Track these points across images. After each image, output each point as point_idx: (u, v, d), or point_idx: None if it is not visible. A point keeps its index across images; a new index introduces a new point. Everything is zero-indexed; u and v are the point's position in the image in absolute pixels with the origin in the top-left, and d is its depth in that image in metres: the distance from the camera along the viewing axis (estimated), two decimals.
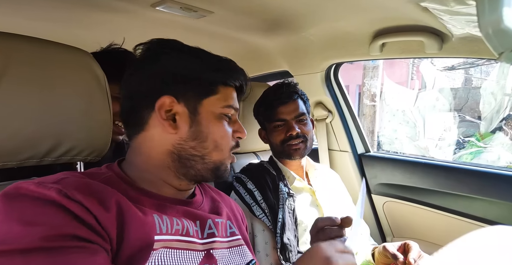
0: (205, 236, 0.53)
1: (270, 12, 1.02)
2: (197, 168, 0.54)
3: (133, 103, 0.54)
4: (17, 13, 1.05)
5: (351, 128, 1.41)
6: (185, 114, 0.53)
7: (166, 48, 0.55)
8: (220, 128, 0.55)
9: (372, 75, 5.09)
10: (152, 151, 0.53)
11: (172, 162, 0.53)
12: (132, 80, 0.54)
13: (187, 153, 0.53)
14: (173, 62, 0.54)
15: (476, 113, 6.89)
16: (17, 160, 0.61)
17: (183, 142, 0.53)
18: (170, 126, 0.52)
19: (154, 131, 0.53)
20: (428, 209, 1.18)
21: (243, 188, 0.96)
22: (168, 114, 0.52)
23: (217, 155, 0.55)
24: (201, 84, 0.54)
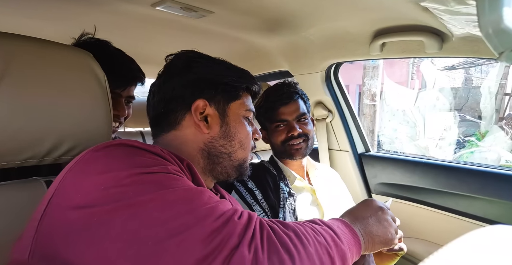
0: None
1: (270, 12, 1.02)
2: (224, 165, 0.60)
3: (168, 106, 0.59)
4: (17, 13, 1.05)
5: (351, 127, 1.42)
6: (216, 116, 0.60)
7: (195, 57, 0.62)
8: (244, 129, 0.62)
9: (372, 75, 5.08)
10: (183, 147, 0.59)
11: (201, 158, 0.59)
12: (167, 87, 0.60)
13: (217, 151, 0.60)
14: (205, 69, 0.61)
15: (476, 112, 6.89)
16: (17, 160, 0.62)
17: (214, 140, 0.59)
18: (205, 127, 0.58)
19: (187, 131, 0.59)
20: (428, 208, 1.18)
21: (243, 188, 0.97)
22: (201, 115, 0.58)
23: (241, 153, 0.62)
24: (229, 89, 0.61)
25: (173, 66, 0.62)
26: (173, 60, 0.63)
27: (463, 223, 1.08)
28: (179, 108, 0.59)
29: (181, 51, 0.64)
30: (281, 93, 1.00)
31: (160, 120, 0.61)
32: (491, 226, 0.44)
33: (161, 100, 0.60)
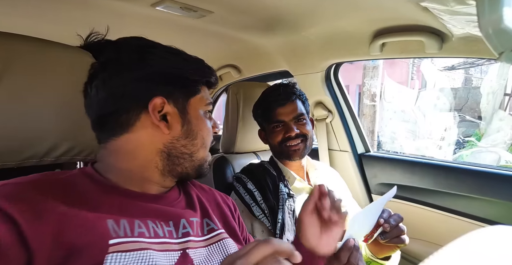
0: (180, 236, 0.52)
1: (270, 12, 1.02)
2: (185, 166, 0.56)
3: (118, 105, 0.52)
4: (17, 13, 1.05)
5: (351, 128, 1.41)
6: (176, 114, 0.54)
7: (148, 47, 0.55)
8: (206, 126, 0.57)
9: (372, 75, 5.08)
10: (138, 151, 0.53)
11: (160, 160, 0.54)
12: (116, 82, 0.51)
13: (178, 151, 0.54)
14: (161, 62, 0.54)
15: (476, 113, 6.89)
16: (17, 160, 0.61)
17: (175, 141, 0.54)
18: (165, 127, 0.52)
19: (143, 132, 0.52)
20: (427, 208, 1.18)
21: (243, 188, 0.96)
22: (159, 114, 0.52)
23: (203, 152, 0.57)
24: (188, 84, 0.56)
25: (122, 57, 0.53)
26: (117, 50, 0.54)
27: (462, 223, 1.08)
28: (132, 107, 0.51)
29: (127, 38, 0.55)
30: (278, 93, 1.00)
31: (108, 121, 0.53)
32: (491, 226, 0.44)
33: (109, 98, 0.51)
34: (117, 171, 0.53)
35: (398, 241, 0.73)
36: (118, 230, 0.45)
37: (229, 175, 1.10)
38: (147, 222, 0.49)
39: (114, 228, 0.45)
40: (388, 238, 0.72)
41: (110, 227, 0.44)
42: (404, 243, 0.73)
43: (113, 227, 0.45)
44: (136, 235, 0.46)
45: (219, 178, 1.09)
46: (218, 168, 1.11)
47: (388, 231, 0.71)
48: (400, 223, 0.74)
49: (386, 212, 0.74)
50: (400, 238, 0.73)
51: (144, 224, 0.48)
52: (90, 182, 0.50)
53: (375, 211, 0.72)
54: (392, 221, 0.72)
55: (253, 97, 1.09)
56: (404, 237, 0.73)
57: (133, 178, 0.53)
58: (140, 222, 0.48)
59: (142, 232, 0.47)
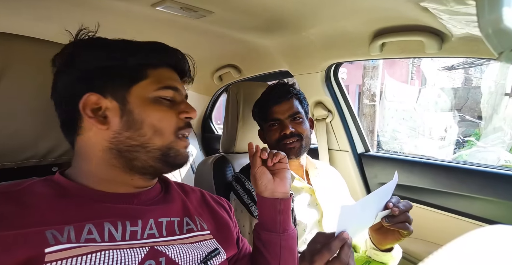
0: (145, 237, 0.51)
1: (270, 12, 1.02)
2: (143, 159, 0.52)
3: (64, 110, 0.52)
4: (17, 13, 1.05)
5: (351, 128, 1.41)
6: (115, 107, 0.52)
7: (79, 46, 0.54)
8: (157, 112, 0.53)
9: (372, 75, 5.08)
10: (91, 152, 0.52)
11: (114, 158, 0.52)
12: (58, 87, 0.52)
13: (126, 145, 0.51)
14: (89, 58, 0.52)
15: (475, 112, 6.89)
16: (17, 160, 0.62)
17: (117, 134, 0.51)
18: (99, 122, 0.51)
19: (89, 133, 0.52)
20: (427, 208, 1.18)
21: (241, 188, 0.96)
22: (100, 112, 0.51)
23: (159, 140, 0.53)
24: (124, 73, 0.52)
25: (58, 62, 0.53)
26: (58, 55, 0.54)
27: (462, 223, 1.08)
28: (74, 110, 0.51)
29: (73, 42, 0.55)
30: (274, 92, 1.00)
31: (65, 126, 0.54)
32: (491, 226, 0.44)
33: (57, 104, 0.53)
34: (85, 174, 0.53)
35: (403, 227, 0.71)
36: (60, 237, 0.43)
37: (229, 174, 1.10)
38: (103, 224, 0.48)
39: (54, 236, 0.43)
40: (393, 222, 0.71)
41: (49, 235, 0.43)
42: (408, 231, 0.72)
43: (53, 235, 0.43)
44: (82, 241, 0.45)
45: (219, 178, 1.09)
46: (218, 168, 1.11)
47: (396, 214, 0.70)
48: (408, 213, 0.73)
49: (395, 198, 0.73)
50: (405, 224, 0.71)
51: (97, 227, 0.47)
52: (49, 189, 0.49)
53: (375, 203, 0.70)
54: (401, 206, 0.70)
55: (253, 97, 1.09)
56: (409, 226, 0.72)
57: (99, 179, 0.53)
58: (92, 225, 0.47)
59: (92, 238, 0.46)
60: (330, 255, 0.55)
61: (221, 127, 1.29)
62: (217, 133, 2.24)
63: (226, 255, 0.59)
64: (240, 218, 0.93)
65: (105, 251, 0.45)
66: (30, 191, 0.48)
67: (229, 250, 0.61)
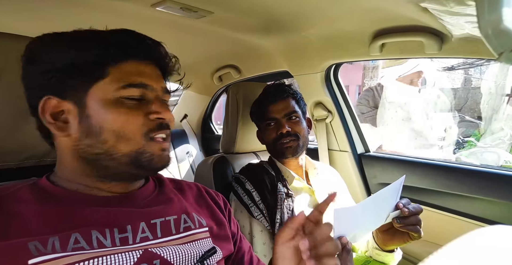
0: (137, 241, 0.48)
1: (270, 12, 1.02)
2: (113, 166, 0.47)
3: (35, 117, 0.49)
4: (17, 13, 1.05)
5: (351, 128, 1.41)
6: (74, 111, 0.46)
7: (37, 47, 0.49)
8: (117, 115, 0.46)
9: (372, 75, 5.09)
10: (63, 160, 0.49)
11: (85, 165, 0.48)
12: (26, 94, 0.49)
13: (89, 153, 0.47)
14: (45, 57, 0.47)
15: (475, 113, 6.89)
16: (17, 160, 0.62)
17: (78, 142, 0.47)
18: (57, 129, 0.46)
19: (59, 139, 0.49)
20: (428, 208, 1.18)
21: (241, 189, 0.96)
22: (62, 116, 0.47)
23: (126, 146, 0.47)
24: (83, 71, 0.46)
25: (22, 62, 0.49)
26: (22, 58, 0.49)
27: (463, 223, 1.08)
28: (37, 114, 0.48)
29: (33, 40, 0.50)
30: (270, 91, 1.01)
31: (40, 130, 0.51)
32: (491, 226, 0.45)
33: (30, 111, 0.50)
34: (66, 179, 0.50)
35: (414, 230, 0.71)
36: (43, 249, 0.41)
37: (229, 175, 1.10)
38: (91, 232, 0.45)
39: (37, 248, 0.41)
40: (404, 224, 0.70)
41: (32, 247, 0.41)
42: (419, 234, 0.72)
43: (36, 247, 0.41)
44: (69, 250, 0.42)
45: (219, 178, 1.09)
46: (218, 168, 1.11)
47: (406, 215, 0.69)
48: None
49: (405, 200, 0.73)
50: (416, 227, 0.71)
51: (84, 236, 0.44)
52: (34, 196, 0.46)
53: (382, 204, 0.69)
54: (411, 208, 0.70)
55: (253, 97, 1.09)
56: (420, 229, 0.72)
57: (81, 184, 0.50)
58: (79, 235, 0.44)
59: (80, 247, 0.43)
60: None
61: (221, 127, 1.29)
62: (217, 133, 2.24)
63: (222, 254, 0.58)
64: (239, 219, 0.93)
65: (95, 259, 0.43)
66: (14, 198, 0.46)
67: (225, 248, 0.60)
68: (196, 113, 2.22)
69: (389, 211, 0.70)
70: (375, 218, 0.69)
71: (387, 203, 0.70)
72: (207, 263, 0.53)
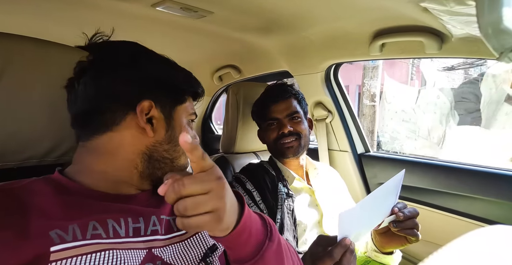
0: (148, 233, 0.51)
1: (270, 12, 1.02)
2: (165, 170, 0.56)
3: (104, 103, 0.52)
4: (17, 13, 1.05)
5: (351, 128, 1.42)
6: (161, 119, 0.55)
7: (140, 52, 0.57)
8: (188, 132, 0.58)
9: (371, 75, 5.09)
10: (119, 151, 0.53)
11: (141, 162, 0.54)
12: (105, 81, 0.52)
13: (159, 155, 0.55)
14: (152, 67, 0.56)
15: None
16: (17, 160, 0.61)
17: (158, 144, 0.55)
18: (151, 130, 0.53)
19: (126, 133, 0.53)
20: (427, 208, 1.18)
21: (242, 189, 0.96)
22: (145, 117, 0.53)
23: (185, 159, 0.58)
24: (176, 92, 0.58)
25: (112, 58, 0.55)
26: (113, 51, 0.55)
27: (463, 223, 1.08)
28: (119, 107, 0.52)
29: (124, 41, 0.57)
30: (272, 91, 1.02)
31: (92, 119, 0.53)
32: (491, 226, 0.45)
33: (97, 95, 0.52)
34: (90, 173, 0.53)
35: (411, 233, 0.71)
36: (65, 236, 0.44)
37: (229, 175, 1.10)
38: (107, 221, 0.48)
39: (59, 236, 0.43)
40: (401, 228, 0.71)
41: (54, 235, 0.43)
42: (416, 237, 0.72)
43: (58, 235, 0.43)
44: (88, 237, 0.45)
45: None
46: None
47: (401, 219, 0.69)
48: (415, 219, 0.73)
49: (401, 203, 0.73)
50: (413, 231, 0.71)
51: (101, 224, 0.47)
52: (50, 188, 0.49)
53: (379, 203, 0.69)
54: (406, 212, 0.70)
55: (253, 97, 1.09)
56: (417, 232, 0.72)
57: (106, 180, 0.53)
58: (96, 222, 0.47)
59: (98, 234, 0.46)
60: (331, 262, 0.55)
61: (221, 127, 1.29)
62: (217, 134, 2.24)
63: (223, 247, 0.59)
64: None
65: (108, 251, 0.45)
66: (30, 189, 0.48)
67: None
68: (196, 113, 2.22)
69: (390, 207, 0.70)
70: (377, 214, 0.69)
71: (387, 199, 0.71)
72: (210, 261, 0.55)
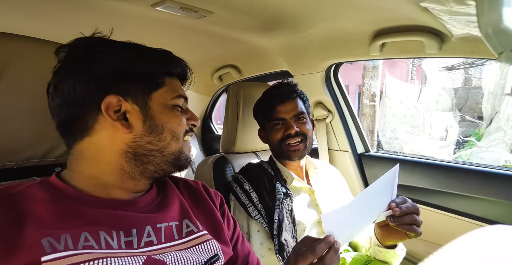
0: (141, 245, 0.50)
1: (270, 12, 1.02)
2: (156, 163, 0.54)
3: (72, 110, 0.51)
4: (17, 13, 1.05)
5: (351, 128, 1.42)
6: (135, 111, 0.52)
7: (96, 45, 0.53)
8: (175, 118, 0.55)
9: (372, 75, 5.08)
10: (101, 154, 0.52)
11: (126, 162, 0.52)
12: (66, 86, 0.50)
13: (144, 149, 0.53)
14: (110, 59, 0.52)
15: (475, 112, 6.89)
16: (17, 160, 0.62)
17: (138, 139, 0.52)
18: (123, 126, 0.51)
19: (102, 134, 0.51)
20: (428, 208, 1.18)
21: (240, 189, 0.96)
22: (118, 114, 0.51)
23: (175, 145, 0.55)
24: (146, 79, 0.54)
25: (69, 60, 0.51)
26: (68, 52, 0.52)
27: (463, 223, 1.08)
28: (87, 110, 0.50)
29: (76, 39, 0.53)
30: (279, 91, 1.00)
31: (68, 127, 0.52)
32: (491, 226, 0.44)
33: (62, 104, 0.50)
34: (83, 178, 0.52)
35: (409, 229, 0.70)
36: (56, 245, 0.43)
37: (229, 175, 1.10)
38: (99, 233, 0.47)
39: (50, 244, 0.42)
40: (398, 222, 0.69)
41: (45, 243, 0.42)
42: (416, 233, 0.70)
43: (50, 243, 0.42)
44: (80, 248, 0.44)
45: (219, 178, 1.09)
46: (218, 168, 1.11)
47: (397, 215, 0.68)
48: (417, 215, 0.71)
49: (401, 198, 0.71)
50: (411, 226, 0.70)
51: (93, 235, 0.46)
52: (45, 194, 0.48)
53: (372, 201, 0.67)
54: (403, 207, 0.69)
55: (253, 97, 1.09)
56: (416, 228, 0.70)
57: (100, 184, 0.52)
58: (88, 234, 0.46)
59: (90, 245, 0.45)
60: (314, 257, 0.54)
61: (221, 127, 1.29)
62: (217, 133, 2.24)
63: (224, 259, 0.58)
64: (238, 218, 0.93)
65: (103, 259, 0.44)
66: (25, 195, 0.47)
67: (225, 253, 0.60)
68: (196, 113, 2.22)
69: (386, 203, 0.69)
70: (370, 212, 0.68)
71: (381, 195, 0.69)
72: None
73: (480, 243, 0.40)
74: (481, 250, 0.39)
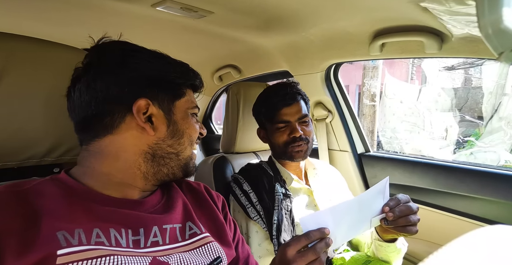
0: (148, 245, 0.51)
1: (270, 12, 1.02)
2: (171, 166, 0.57)
3: (101, 107, 0.52)
4: (17, 13, 1.05)
5: (351, 128, 1.42)
6: (161, 116, 0.56)
7: (132, 51, 0.56)
8: (192, 125, 0.60)
9: (372, 75, 5.08)
10: (122, 153, 0.53)
11: (144, 162, 0.55)
12: (99, 85, 0.52)
13: (163, 152, 0.56)
14: (144, 65, 0.55)
15: (475, 112, 6.89)
16: (17, 160, 0.62)
17: (160, 141, 0.55)
18: (151, 128, 0.54)
19: (127, 134, 0.53)
20: (427, 208, 1.18)
21: (239, 189, 0.96)
22: (144, 116, 0.54)
23: (189, 150, 0.59)
24: (173, 87, 0.58)
25: (105, 60, 0.54)
26: (101, 54, 0.55)
27: (462, 223, 1.08)
28: (116, 109, 0.52)
29: (111, 42, 0.56)
30: (284, 93, 0.98)
31: (91, 123, 0.53)
32: (490, 226, 0.44)
33: (92, 101, 0.52)
34: (96, 175, 0.53)
35: (403, 231, 0.69)
36: (71, 239, 0.44)
37: (229, 175, 1.10)
38: (109, 230, 0.48)
39: (65, 238, 0.44)
40: (392, 226, 0.68)
41: (61, 237, 0.43)
42: (410, 233, 0.69)
43: (65, 237, 0.44)
44: (93, 243, 0.45)
45: (219, 178, 1.09)
46: (218, 168, 1.11)
47: (390, 220, 0.67)
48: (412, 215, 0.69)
49: (395, 200, 0.69)
50: (405, 228, 0.68)
51: (104, 232, 0.47)
52: (57, 190, 0.49)
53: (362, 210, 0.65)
54: (396, 211, 0.67)
55: (253, 97, 1.09)
56: (411, 228, 0.69)
57: (112, 182, 0.53)
58: (100, 230, 0.47)
59: (101, 242, 0.46)
60: (307, 242, 0.54)
61: (221, 127, 1.29)
62: (217, 133, 2.24)
63: (227, 261, 0.59)
64: (237, 219, 0.93)
65: (113, 256, 0.45)
66: (37, 191, 0.48)
67: (228, 255, 0.61)
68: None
69: (374, 215, 0.67)
70: (356, 223, 0.65)
71: (369, 207, 0.66)
72: None
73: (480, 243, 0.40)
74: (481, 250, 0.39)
